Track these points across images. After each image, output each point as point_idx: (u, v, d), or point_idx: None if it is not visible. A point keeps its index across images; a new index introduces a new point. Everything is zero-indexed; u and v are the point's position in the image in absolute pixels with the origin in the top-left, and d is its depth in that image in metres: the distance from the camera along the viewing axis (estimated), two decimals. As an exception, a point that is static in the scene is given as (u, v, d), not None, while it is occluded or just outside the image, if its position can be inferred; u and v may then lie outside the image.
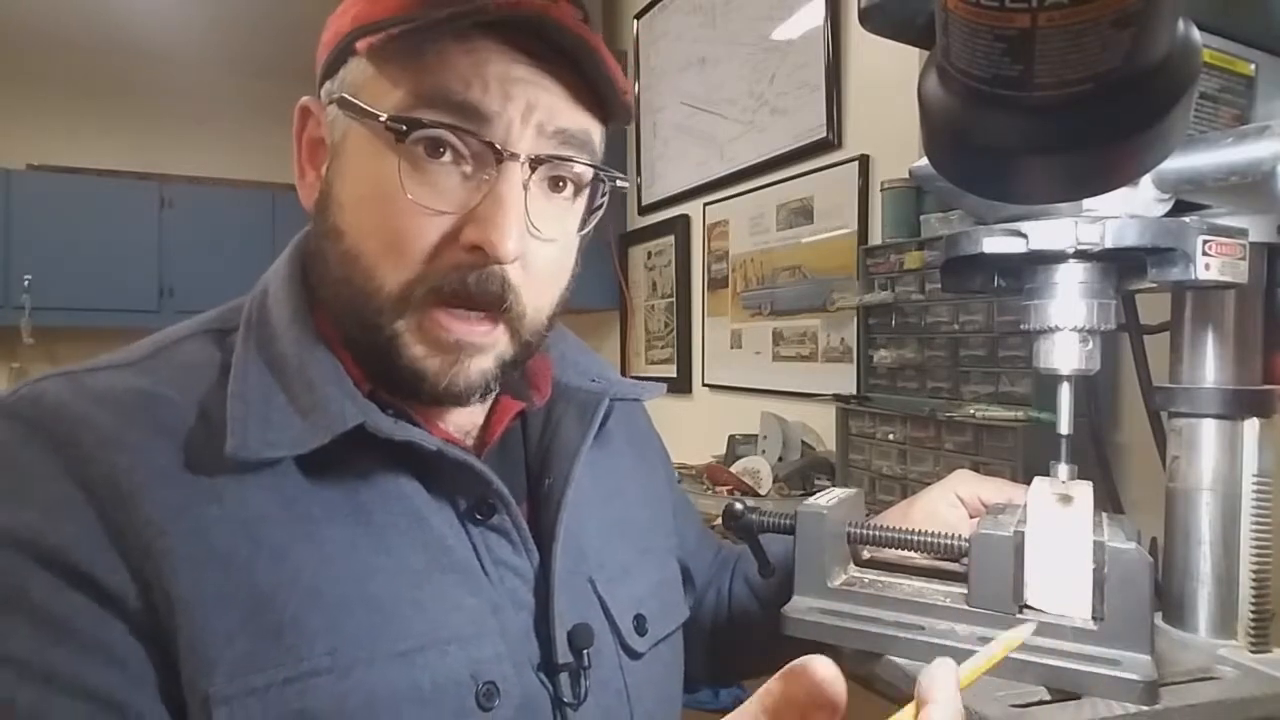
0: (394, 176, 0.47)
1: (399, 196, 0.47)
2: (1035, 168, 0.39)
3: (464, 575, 0.50)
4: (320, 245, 0.51)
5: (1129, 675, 0.43)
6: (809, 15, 1.70)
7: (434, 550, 0.50)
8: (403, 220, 0.48)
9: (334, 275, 0.50)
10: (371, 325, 0.49)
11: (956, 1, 0.31)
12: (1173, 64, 0.34)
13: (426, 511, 0.50)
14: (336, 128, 0.51)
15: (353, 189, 0.49)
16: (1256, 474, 0.53)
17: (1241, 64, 0.52)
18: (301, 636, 0.44)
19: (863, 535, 0.56)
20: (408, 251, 0.48)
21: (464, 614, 0.49)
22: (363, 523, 0.48)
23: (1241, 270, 0.46)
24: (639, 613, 0.59)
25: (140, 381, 0.48)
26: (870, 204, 1.54)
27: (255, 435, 0.46)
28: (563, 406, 0.60)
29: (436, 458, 0.49)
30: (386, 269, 0.48)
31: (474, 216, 0.47)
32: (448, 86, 0.46)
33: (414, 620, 0.47)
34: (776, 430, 1.63)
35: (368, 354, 0.51)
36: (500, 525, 0.52)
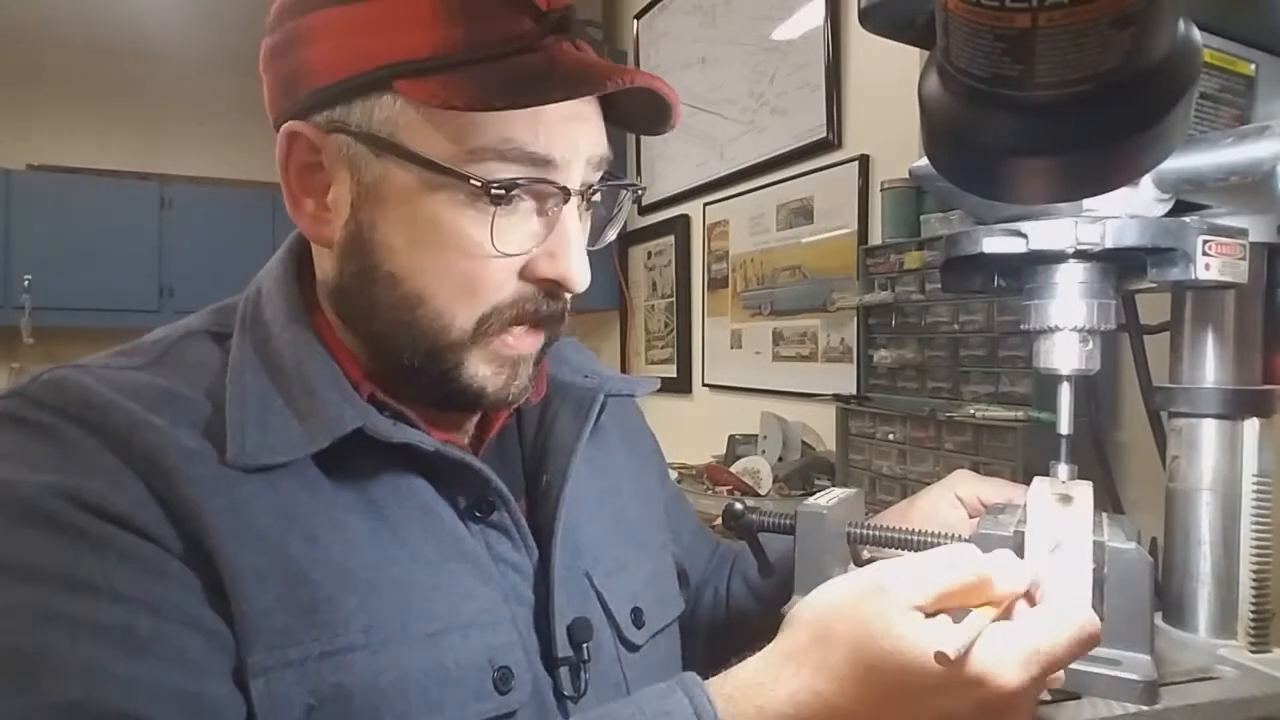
0: (467, 226, 0.48)
1: (475, 246, 0.48)
2: (1035, 168, 0.39)
3: (475, 566, 0.51)
4: (362, 287, 0.50)
5: (1129, 675, 0.43)
6: (809, 15, 1.70)
7: (446, 541, 0.51)
8: (477, 268, 0.49)
9: (388, 316, 0.50)
10: (439, 358, 0.50)
11: (957, 1, 0.31)
12: (1173, 64, 0.34)
13: (435, 506, 0.51)
14: (365, 165, 0.48)
15: (410, 235, 0.49)
16: (1256, 474, 0.53)
17: (1241, 64, 0.52)
18: (336, 614, 0.45)
19: (863, 535, 0.56)
20: (483, 294, 0.49)
21: (478, 601, 0.50)
22: (377, 515, 0.49)
23: (1241, 270, 0.46)
24: (636, 606, 0.60)
25: (155, 379, 0.49)
26: (870, 204, 1.54)
27: (254, 441, 0.47)
28: (558, 403, 0.61)
29: (435, 458, 0.50)
30: (459, 310, 0.49)
31: (546, 252, 0.50)
32: (518, 139, 0.47)
33: (436, 604, 0.48)
34: (776, 430, 1.63)
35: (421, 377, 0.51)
36: (500, 522, 0.53)
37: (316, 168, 0.50)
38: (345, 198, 0.50)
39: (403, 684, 0.45)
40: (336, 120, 0.48)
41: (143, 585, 0.42)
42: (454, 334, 0.50)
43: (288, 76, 0.50)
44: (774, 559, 0.62)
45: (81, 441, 0.44)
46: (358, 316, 0.52)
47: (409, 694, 0.45)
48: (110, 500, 0.43)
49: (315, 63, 0.48)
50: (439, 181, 0.47)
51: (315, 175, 0.51)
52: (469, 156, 0.47)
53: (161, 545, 0.43)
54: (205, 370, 0.50)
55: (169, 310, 3.35)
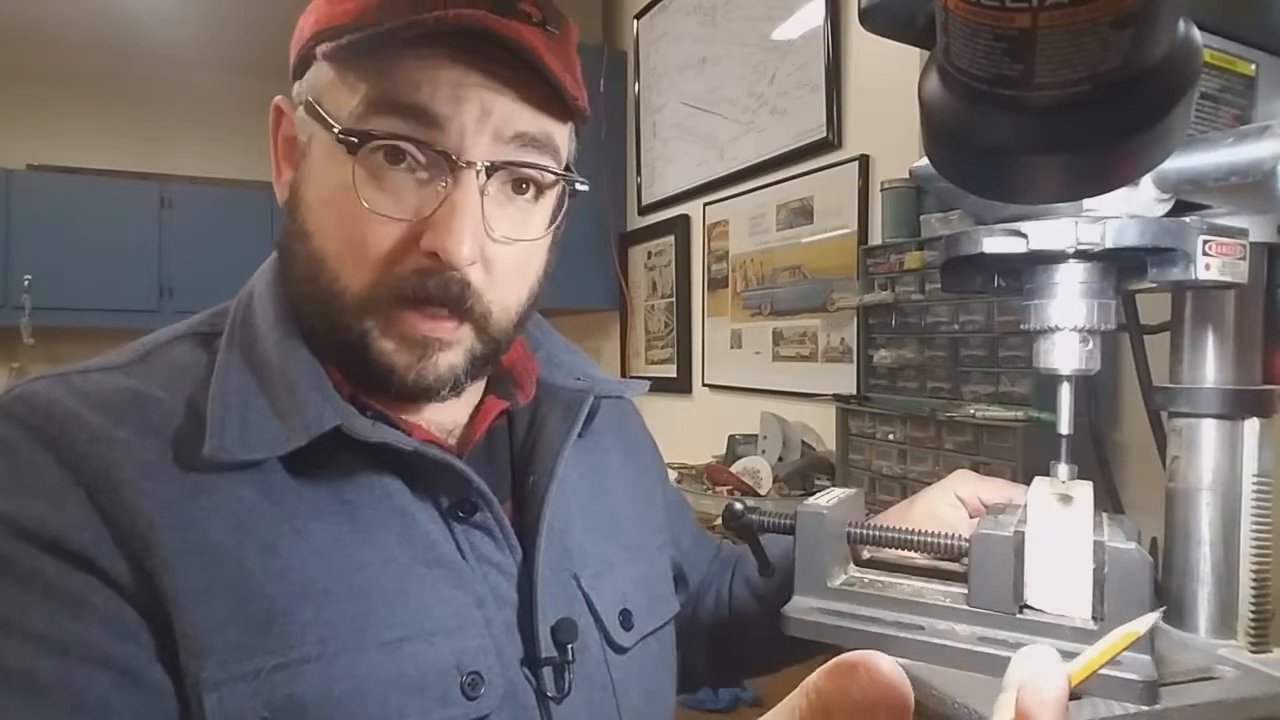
0: (351, 183, 0.48)
1: (356, 203, 0.48)
2: (1035, 168, 0.39)
3: (448, 570, 0.51)
4: (290, 244, 0.53)
5: (1129, 675, 0.43)
6: (809, 15, 1.70)
7: (418, 545, 0.51)
8: (361, 226, 0.49)
9: (301, 274, 0.52)
10: (339, 324, 0.51)
11: (957, 1, 0.31)
12: (1173, 64, 0.34)
13: (411, 508, 0.51)
14: (304, 129, 0.52)
15: (316, 192, 0.51)
16: (1256, 474, 0.53)
17: (1242, 64, 0.52)
18: (291, 626, 0.45)
19: (863, 535, 0.56)
20: (368, 256, 0.49)
21: (448, 607, 0.50)
22: (348, 518, 0.49)
23: (1241, 270, 0.46)
24: (625, 608, 0.60)
25: (129, 382, 0.49)
26: (870, 204, 1.54)
27: (233, 437, 0.47)
28: (547, 405, 0.61)
29: (414, 458, 0.50)
30: (349, 272, 0.50)
31: (430, 224, 0.48)
32: (398, 93, 0.48)
33: (399, 611, 0.48)
34: (776, 430, 1.63)
35: (339, 351, 0.52)
36: (482, 522, 0.53)
37: (294, 140, 0.54)
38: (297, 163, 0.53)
39: (359, 693, 0.45)
40: (300, 93, 0.52)
41: (57, 622, 0.42)
42: (347, 298, 0.50)
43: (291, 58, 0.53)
44: (774, 559, 0.62)
45: (32, 457, 0.45)
46: (288, 278, 0.54)
47: (366, 702, 0.45)
48: (47, 523, 0.43)
49: (295, 38, 0.53)
50: (328, 137, 0.49)
51: (294, 147, 0.54)
52: (359, 114, 0.48)
53: (95, 570, 0.43)
54: (186, 372, 0.51)
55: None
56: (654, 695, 0.61)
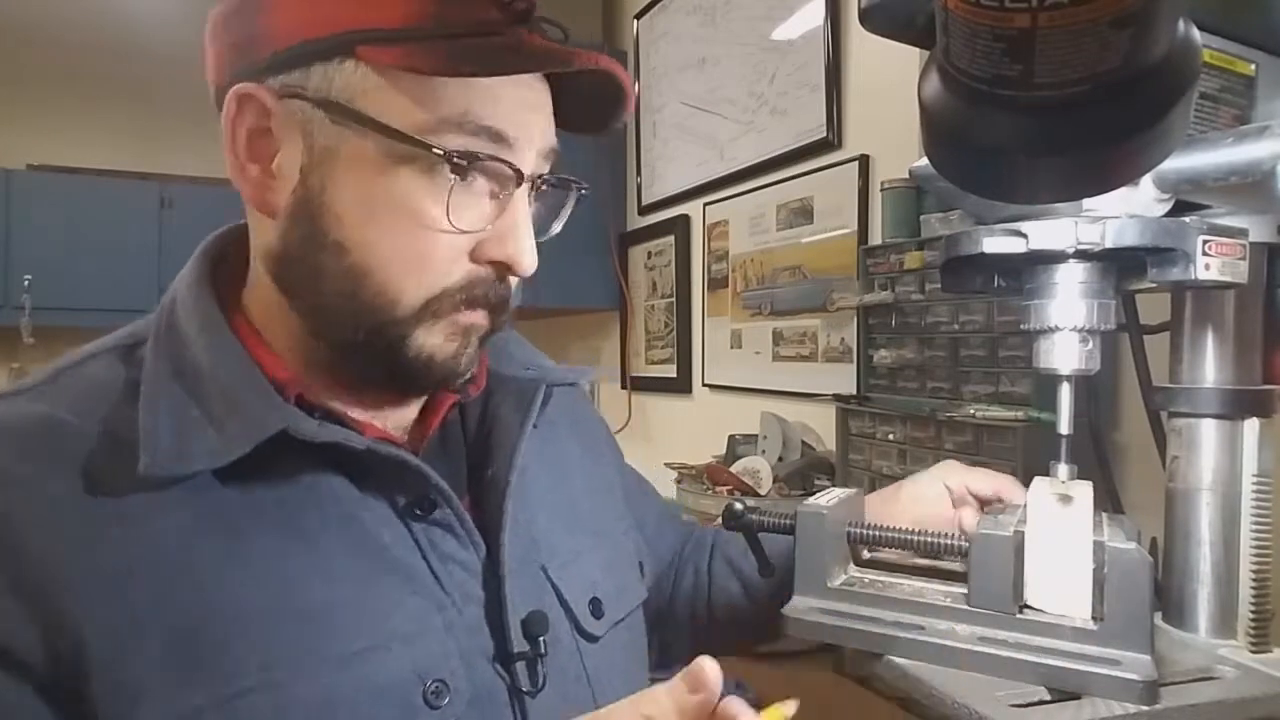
0: (422, 199, 0.47)
1: (429, 220, 0.48)
2: (1035, 168, 0.39)
3: (404, 574, 0.50)
4: (307, 254, 0.49)
5: (1129, 675, 0.43)
6: (809, 15, 1.70)
7: (370, 551, 0.49)
8: (430, 242, 0.48)
9: (333, 287, 0.49)
10: (383, 332, 0.49)
11: (956, 1, 0.31)
12: (1173, 64, 0.34)
13: (360, 512, 0.50)
14: (320, 131, 0.48)
15: (361, 205, 0.48)
16: (1256, 474, 0.53)
17: (1241, 64, 0.52)
18: (231, 656, 0.43)
19: (863, 535, 0.56)
20: (432, 271, 0.49)
21: (405, 613, 0.48)
22: (293, 530, 0.47)
23: (1241, 270, 0.46)
24: (594, 596, 0.59)
25: (35, 407, 0.47)
26: (870, 204, 1.54)
27: (168, 450, 0.45)
28: (500, 396, 0.60)
29: (368, 456, 0.49)
30: (407, 286, 0.48)
31: (496, 235, 0.49)
32: (480, 113, 0.47)
33: (352, 624, 0.46)
34: (776, 430, 1.63)
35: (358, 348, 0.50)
36: (443, 519, 0.52)
37: (265, 133, 0.49)
38: (294, 163, 0.48)
39: (312, 716, 0.44)
40: (293, 85, 0.47)
41: None
42: (400, 310, 0.49)
43: (243, 40, 0.49)
44: (772, 556, 0.62)
45: None
46: (301, 287, 0.50)
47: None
48: None
49: (276, 26, 0.47)
50: (397, 150, 0.47)
51: (263, 140, 0.49)
52: (427, 128, 0.46)
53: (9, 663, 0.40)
54: (101, 390, 0.48)
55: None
56: (627, 682, 0.60)
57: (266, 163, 0.50)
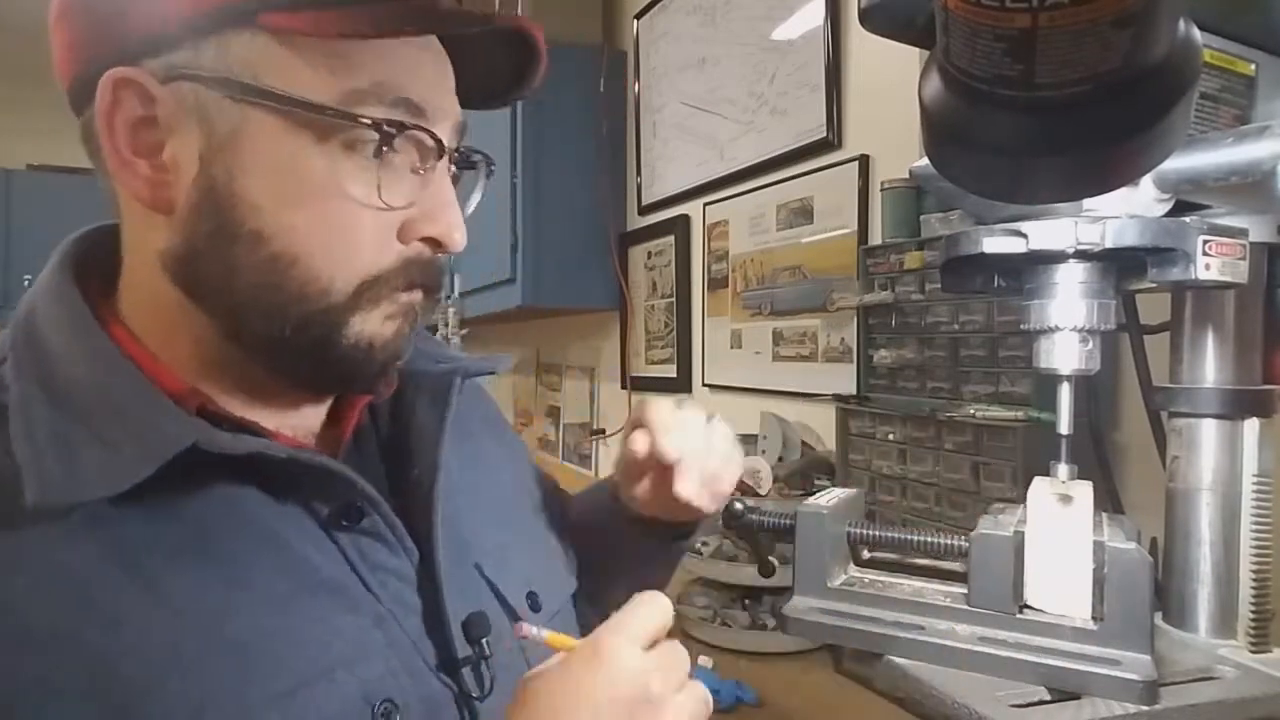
0: (344, 176, 0.44)
1: (355, 197, 0.44)
2: (1035, 168, 0.39)
3: (336, 592, 0.46)
4: (219, 250, 0.44)
5: (1129, 675, 0.43)
6: (809, 15, 1.70)
7: (298, 572, 0.45)
8: (358, 223, 0.45)
9: (252, 280, 0.44)
10: (314, 322, 0.45)
11: (957, 1, 0.31)
12: (1173, 64, 0.34)
13: (282, 529, 0.45)
14: (219, 114, 0.42)
15: (278, 188, 0.43)
16: (1256, 474, 0.53)
17: (1241, 64, 0.52)
18: (156, 706, 0.38)
19: (863, 535, 0.56)
20: (362, 253, 0.45)
21: (343, 635, 0.45)
22: (211, 559, 0.42)
23: (1241, 270, 0.46)
24: (530, 590, 0.57)
25: None
26: (870, 204, 1.54)
27: (56, 480, 0.39)
28: (412, 393, 0.56)
29: (288, 467, 0.45)
30: (337, 273, 0.45)
31: (424, 212, 0.47)
32: (394, 82, 0.44)
33: (290, 655, 0.42)
34: (776, 430, 1.63)
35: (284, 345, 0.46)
36: (371, 528, 0.48)
37: (149, 123, 0.43)
38: (190, 153, 0.43)
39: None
40: (179, 66, 0.42)
41: None
42: (332, 298, 0.45)
43: (108, 20, 0.43)
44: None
45: None
46: (212, 285, 0.45)
47: None
48: None
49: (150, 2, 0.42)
50: (314, 126, 0.43)
51: (148, 131, 0.44)
52: (343, 100, 0.43)
53: None
54: None
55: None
56: None
57: (155, 156, 0.44)
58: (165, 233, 0.45)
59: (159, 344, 0.47)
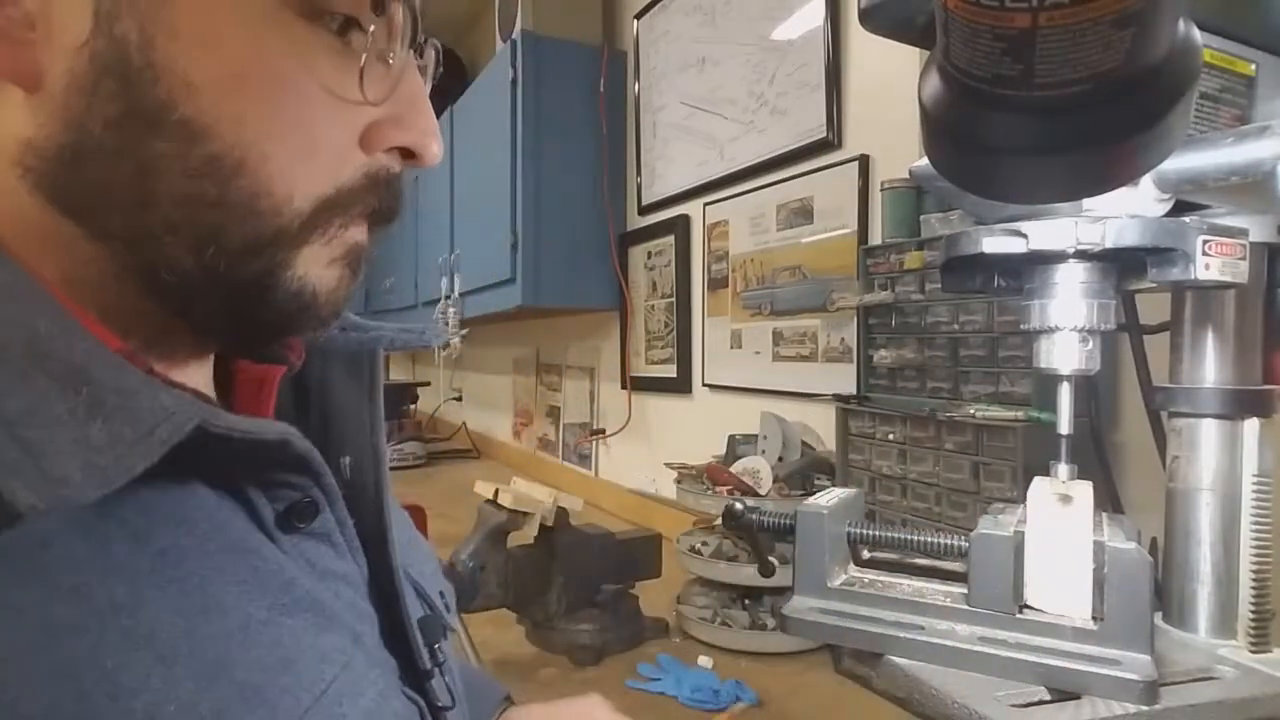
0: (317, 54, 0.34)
1: (325, 83, 0.34)
2: (1035, 168, 0.39)
3: (311, 608, 0.37)
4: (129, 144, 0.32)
5: (1129, 675, 0.43)
6: (809, 15, 1.70)
7: (272, 589, 0.35)
8: (326, 118, 0.35)
9: (178, 192, 0.32)
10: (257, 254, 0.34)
11: (956, 1, 0.31)
12: (1173, 64, 0.34)
13: (247, 536, 0.36)
14: None
15: (219, 63, 0.32)
16: (1256, 474, 0.53)
17: (1242, 64, 0.52)
18: None
19: (863, 535, 0.56)
20: (324, 160, 0.35)
21: (332, 659, 0.36)
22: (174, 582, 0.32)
23: (1241, 270, 0.46)
24: (440, 590, 0.52)
25: None
26: (870, 204, 1.54)
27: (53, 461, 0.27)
28: (320, 364, 0.46)
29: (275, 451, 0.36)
30: (295, 183, 0.34)
31: (394, 114, 0.37)
32: None
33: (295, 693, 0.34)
34: (776, 430, 1.63)
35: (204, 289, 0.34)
36: (320, 528, 0.40)
37: None
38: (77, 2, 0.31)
39: None
40: None
41: None
42: (284, 218, 0.34)
43: None
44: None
45: None
46: (108, 197, 0.32)
47: None
48: None
49: None
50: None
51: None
52: None
53: None
54: None
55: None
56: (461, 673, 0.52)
57: (13, 4, 0.31)
58: (25, 118, 0.32)
59: None
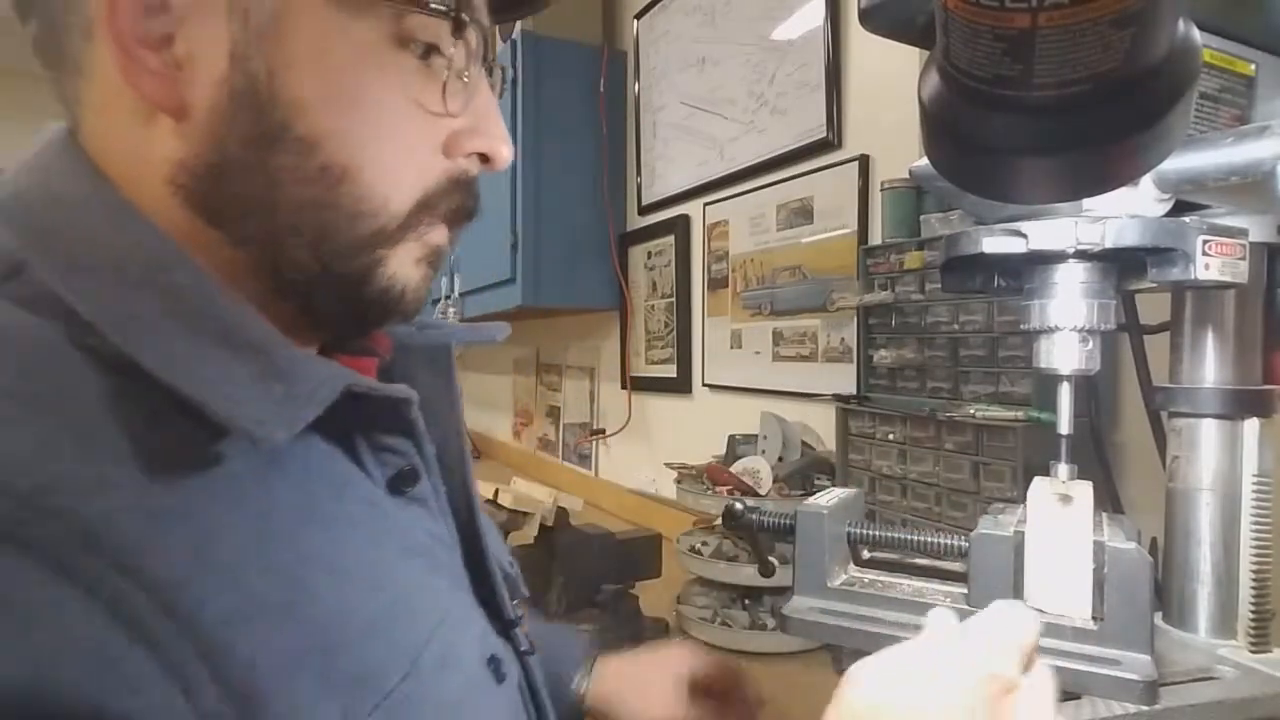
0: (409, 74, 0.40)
1: (416, 99, 0.40)
2: (1035, 168, 0.39)
3: (422, 555, 0.44)
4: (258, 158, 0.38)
5: (1129, 675, 0.43)
6: (809, 15, 1.70)
7: (393, 534, 0.42)
8: (418, 130, 0.40)
9: (296, 197, 0.38)
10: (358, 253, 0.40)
11: (956, 1, 0.31)
12: (1173, 64, 0.34)
13: (370, 493, 0.42)
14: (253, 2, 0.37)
15: (331, 86, 0.38)
16: (1256, 474, 0.53)
17: (1241, 64, 0.52)
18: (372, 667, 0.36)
19: (863, 535, 0.56)
20: (418, 167, 0.41)
21: (444, 595, 0.44)
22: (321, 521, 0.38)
23: (1241, 270, 0.46)
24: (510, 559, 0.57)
25: None
26: (870, 204, 1.54)
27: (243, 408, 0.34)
28: (403, 358, 0.51)
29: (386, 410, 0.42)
30: (391, 189, 0.40)
31: (471, 123, 0.42)
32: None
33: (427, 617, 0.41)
34: (776, 430, 1.63)
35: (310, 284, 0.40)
36: (421, 494, 0.46)
37: (159, 8, 0.36)
38: (216, 45, 0.37)
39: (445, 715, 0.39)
40: None
41: None
42: (383, 219, 0.40)
43: None
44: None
45: None
46: (243, 204, 0.38)
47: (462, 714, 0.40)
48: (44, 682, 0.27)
49: None
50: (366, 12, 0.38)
51: (156, 19, 0.37)
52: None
53: None
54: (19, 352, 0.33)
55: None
56: None
57: (163, 49, 0.37)
58: (177, 144, 0.38)
59: None
